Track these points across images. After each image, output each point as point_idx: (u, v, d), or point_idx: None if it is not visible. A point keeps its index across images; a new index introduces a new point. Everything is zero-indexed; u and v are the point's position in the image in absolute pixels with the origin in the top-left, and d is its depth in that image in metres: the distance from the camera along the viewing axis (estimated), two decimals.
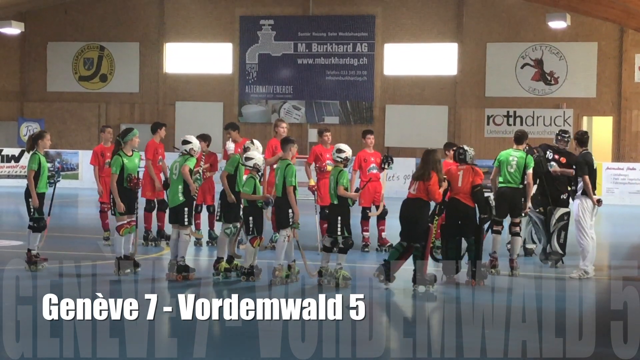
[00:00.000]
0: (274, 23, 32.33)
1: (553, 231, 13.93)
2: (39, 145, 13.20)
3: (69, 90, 33.85)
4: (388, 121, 31.43)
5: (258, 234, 12.22)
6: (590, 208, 12.97)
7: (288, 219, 12.15)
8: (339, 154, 12.41)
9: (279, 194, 12.24)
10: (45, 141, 13.27)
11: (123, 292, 11.73)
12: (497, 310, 11.19)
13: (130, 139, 13.01)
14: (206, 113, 32.45)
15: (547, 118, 30.18)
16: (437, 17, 31.20)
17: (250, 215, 12.25)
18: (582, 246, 12.99)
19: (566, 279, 12.87)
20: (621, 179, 26.01)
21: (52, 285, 12.07)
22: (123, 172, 12.83)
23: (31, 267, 13.00)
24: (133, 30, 33.33)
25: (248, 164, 12.33)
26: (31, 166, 13.09)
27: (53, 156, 31.12)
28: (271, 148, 15.43)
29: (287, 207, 12.17)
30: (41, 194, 13.22)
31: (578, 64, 30.19)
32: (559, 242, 13.95)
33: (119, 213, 12.77)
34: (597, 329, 10.33)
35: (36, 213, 13.13)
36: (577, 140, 13.33)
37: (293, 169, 12.21)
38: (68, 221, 22.08)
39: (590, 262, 12.99)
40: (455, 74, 31.11)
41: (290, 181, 12.10)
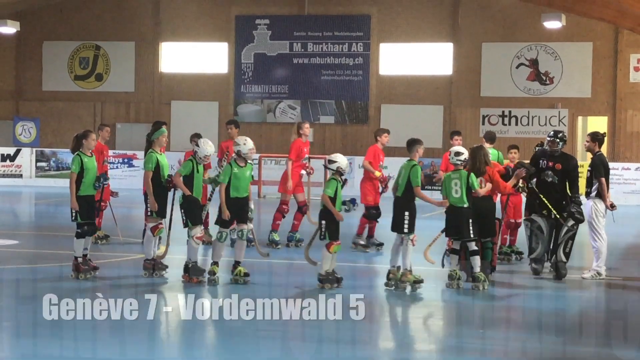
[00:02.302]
0: (269, 22, 32.33)
1: (561, 242, 12.86)
2: (84, 145, 12.37)
3: (65, 90, 33.81)
4: (383, 121, 31.38)
5: (333, 239, 11.70)
6: (603, 210, 12.94)
7: (404, 222, 11.83)
8: (458, 157, 12.17)
9: (399, 194, 11.98)
10: (89, 141, 12.39)
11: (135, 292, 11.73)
12: (496, 310, 11.22)
13: (157, 137, 12.64)
14: (202, 112, 32.44)
15: (542, 118, 30.23)
16: (433, 17, 31.23)
17: (323, 219, 11.76)
18: (596, 247, 12.98)
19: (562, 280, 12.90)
20: (616, 178, 26.01)
21: (61, 286, 12.07)
22: (159, 169, 12.46)
23: (79, 276, 12.23)
24: (129, 29, 33.30)
25: (331, 167, 11.87)
26: (72, 168, 12.31)
27: (48, 155, 31.10)
28: (297, 149, 15.46)
29: (404, 208, 11.88)
30: (87, 197, 12.37)
31: (573, 64, 30.24)
32: (565, 252, 12.92)
33: (155, 214, 12.44)
34: (597, 329, 10.37)
35: (78, 218, 12.26)
36: (598, 142, 13.03)
37: (419, 169, 11.99)
38: (64, 220, 22.09)
39: (603, 263, 13.01)
40: (450, 74, 31.14)
41: (416, 182, 11.85)
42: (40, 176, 30.99)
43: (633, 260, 15.74)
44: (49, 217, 22.87)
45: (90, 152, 12.45)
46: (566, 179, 13.03)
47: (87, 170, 12.28)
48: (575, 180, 13.09)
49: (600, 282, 12.84)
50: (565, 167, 13.00)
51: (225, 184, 12.02)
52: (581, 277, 13.03)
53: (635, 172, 27.39)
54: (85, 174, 12.26)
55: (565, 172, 12.99)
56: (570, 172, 13.06)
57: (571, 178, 13.06)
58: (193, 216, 12.17)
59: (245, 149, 12.13)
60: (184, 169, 12.29)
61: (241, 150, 12.13)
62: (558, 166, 12.97)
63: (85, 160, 12.31)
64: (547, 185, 12.99)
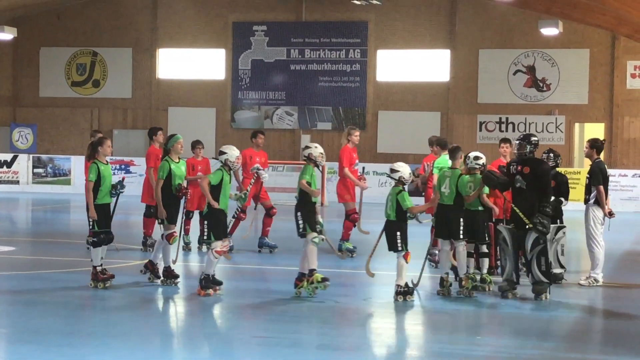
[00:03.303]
0: (266, 29, 32.35)
1: (531, 259, 11.79)
2: (99, 152, 12.14)
3: (62, 96, 33.79)
4: (380, 127, 31.46)
5: (406, 249, 11.55)
6: (601, 217, 12.96)
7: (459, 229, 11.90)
8: (477, 160, 12.28)
9: (449, 202, 11.98)
10: (105, 148, 12.15)
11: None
12: (492, 317, 11.21)
13: (172, 144, 12.44)
14: (199, 119, 32.44)
15: (539, 124, 30.24)
16: (430, 24, 31.26)
17: (398, 230, 11.57)
18: (594, 254, 13.01)
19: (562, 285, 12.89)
20: (613, 185, 25.95)
21: (58, 293, 12.05)
22: (171, 178, 12.28)
23: (98, 285, 12.03)
24: (126, 35, 33.31)
25: (394, 176, 11.68)
26: (89, 177, 12.04)
27: (45, 161, 31.08)
28: (349, 156, 15.44)
29: (457, 216, 11.92)
30: (103, 205, 12.14)
31: (570, 71, 30.28)
32: (541, 270, 11.78)
33: (167, 221, 12.29)
34: (593, 336, 10.37)
35: (96, 226, 12.03)
36: (596, 149, 13.03)
37: (465, 179, 12.07)
38: (61, 227, 22.06)
39: (600, 270, 13.02)
40: (447, 80, 31.16)
41: (467, 191, 11.95)
42: (37, 182, 30.96)
43: (630, 267, 15.75)
44: (46, 224, 22.85)
45: (106, 159, 12.24)
46: (536, 185, 11.91)
47: (103, 179, 12.07)
48: (545, 188, 11.94)
49: (597, 289, 12.85)
50: (533, 172, 11.90)
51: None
52: (578, 284, 13.05)
53: (632, 179, 27.41)
54: (102, 182, 12.04)
55: (534, 177, 11.88)
56: (540, 178, 11.92)
57: (542, 185, 11.92)
58: (217, 230, 11.73)
59: (317, 152, 12.02)
60: (214, 177, 11.80)
61: (312, 154, 11.96)
62: (526, 169, 11.91)
63: (102, 168, 12.09)
64: (518, 192, 12.02)
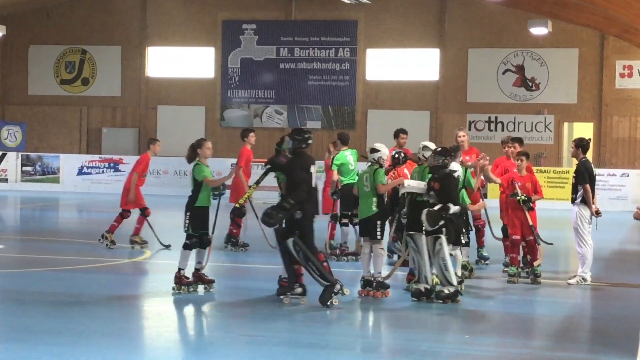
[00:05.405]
0: (256, 27, 32.34)
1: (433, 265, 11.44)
2: (200, 155, 11.93)
3: (51, 94, 33.73)
4: (370, 126, 31.49)
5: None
6: (588, 216, 12.98)
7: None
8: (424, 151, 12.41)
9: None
10: (204, 150, 11.95)
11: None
12: (480, 316, 11.22)
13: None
14: (188, 117, 32.42)
15: (529, 124, 30.32)
16: (420, 23, 31.30)
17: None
18: (581, 253, 13.03)
19: (541, 285, 12.91)
20: (601, 185, 26.07)
21: (49, 291, 12.01)
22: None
23: (181, 289, 11.65)
24: (115, 33, 33.27)
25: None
26: (203, 174, 11.71)
27: (34, 159, 30.99)
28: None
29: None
30: (202, 208, 11.81)
31: (559, 70, 30.37)
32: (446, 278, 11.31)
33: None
34: (581, 335, 10.39)
35: (190, 229, 11.72)
36: (582, 148, 13.11)
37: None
38: (49, 225, 22.02)
39: (588, 269, 13.05)
40: (437, 80, 31.21)
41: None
42: (26, 180, 30.87)
43: (618, 266, 15.78)
44: (35, 222, 22.80)
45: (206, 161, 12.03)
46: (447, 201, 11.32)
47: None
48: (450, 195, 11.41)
49: (586, 288, 12.88)
50: (443, 188, 11.39)
51: None
52: (567, 283, 13.07)
53: (621, 178, 27.49)
54: (203, 185, 11.79)
55: (444, 194, 11.36)
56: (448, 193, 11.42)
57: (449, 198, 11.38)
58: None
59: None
60: (207, 172, 11.87)
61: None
62: (436, 186, 11.41)
63: (207, 170, 11.91)
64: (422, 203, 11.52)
